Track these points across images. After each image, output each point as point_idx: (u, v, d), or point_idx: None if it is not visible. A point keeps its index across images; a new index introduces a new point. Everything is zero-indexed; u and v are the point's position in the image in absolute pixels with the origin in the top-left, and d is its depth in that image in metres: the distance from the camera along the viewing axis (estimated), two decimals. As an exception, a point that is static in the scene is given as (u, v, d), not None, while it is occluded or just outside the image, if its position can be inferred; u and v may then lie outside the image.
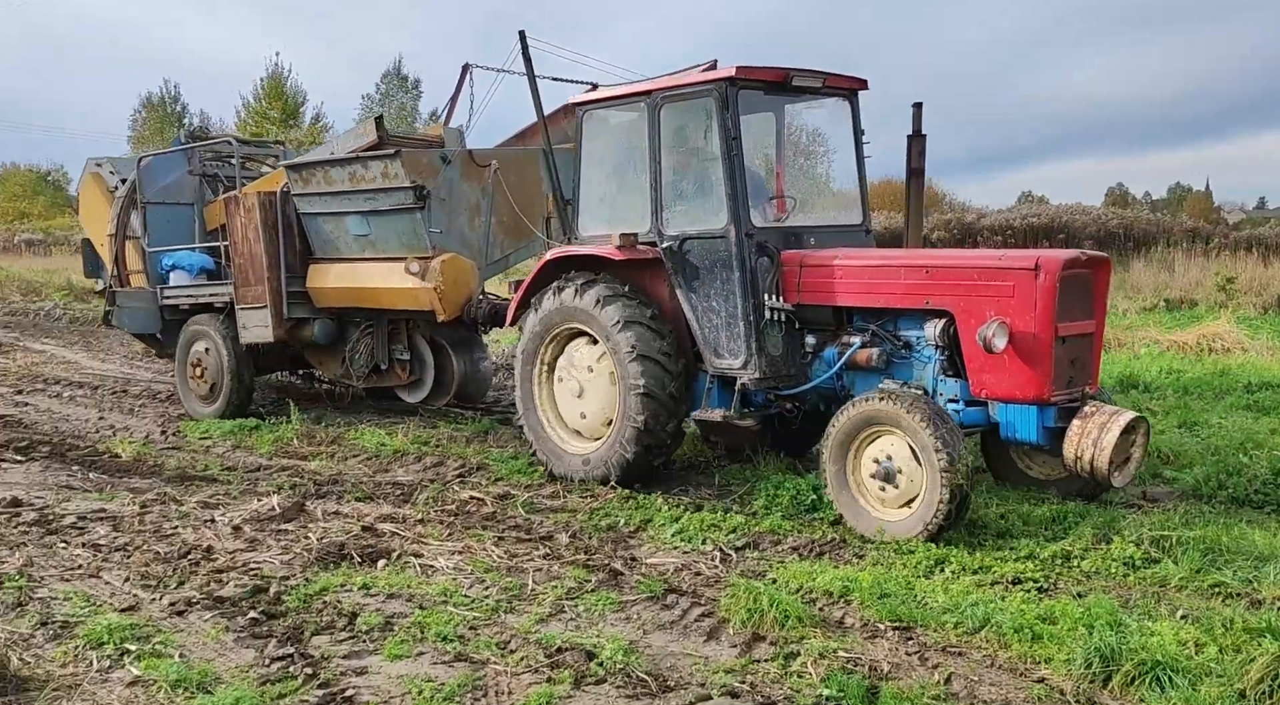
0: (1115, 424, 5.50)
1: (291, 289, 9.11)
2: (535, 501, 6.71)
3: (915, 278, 6.12)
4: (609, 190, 7.27)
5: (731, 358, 6.60)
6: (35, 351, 14.43)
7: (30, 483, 7.15)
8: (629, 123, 7.04)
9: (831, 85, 6.97)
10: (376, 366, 9.39)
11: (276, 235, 9.04)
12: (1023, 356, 5.64)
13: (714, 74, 6.57)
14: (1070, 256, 5.79)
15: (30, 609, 4.73)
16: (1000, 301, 5.71)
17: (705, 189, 6.77)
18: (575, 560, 5.51)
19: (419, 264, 8.27)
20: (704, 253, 6.61)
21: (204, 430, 8.93)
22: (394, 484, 7.13)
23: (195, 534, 5.92)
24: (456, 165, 8.46)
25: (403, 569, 5.39)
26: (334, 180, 8.63)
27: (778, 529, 5.95)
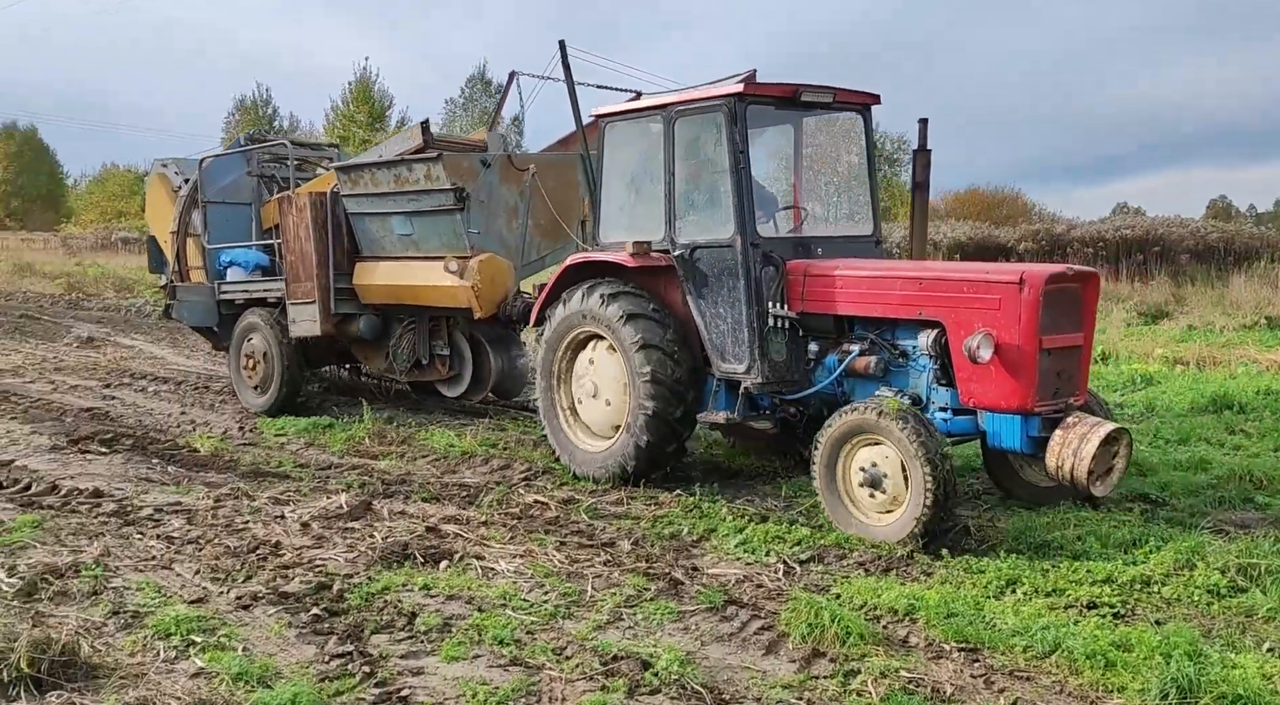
0: (1095, 435, 5.62)
1: (339, 286, 9.49)
2: (599, 507, 6.72)
3: (910, 289, 6.31)
4: (628, 199, 7.53)
5: (736, 362, 6.85)
6: (125, 347, 14.98)
7: (112, 474, 7.41)
8: (647, 135, 7.28)
9: (842, 100, 7.21)
10: (418, 361, 9.71)
11: (326, 234, 9.43)
12: (1007, 367, 5.80)
13: (723, 89, 6.78)
14: (1055, 271, 5.94)
15: (104, 598, 4.90)
16: (987, 313, 5.89)
17: (715, 200, 6.99)
18: (636, 568, 5.49)
19: (458, 263, 8.57)
20: (712, 261, 6.86)
21: (279, 427, 9.15)
22: (460, 485, 7.21)
23: (265, 529, 6.07)
24: (496, 169, 8.80)
25: (464, 571, 5.44)
26: (380, 182, 9.00)
27: (844, 543, 5.86)
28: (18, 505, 6.49)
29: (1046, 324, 5.80)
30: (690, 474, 7.61)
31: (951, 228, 24.34)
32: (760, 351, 6.73)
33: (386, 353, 9.86)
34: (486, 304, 8.55)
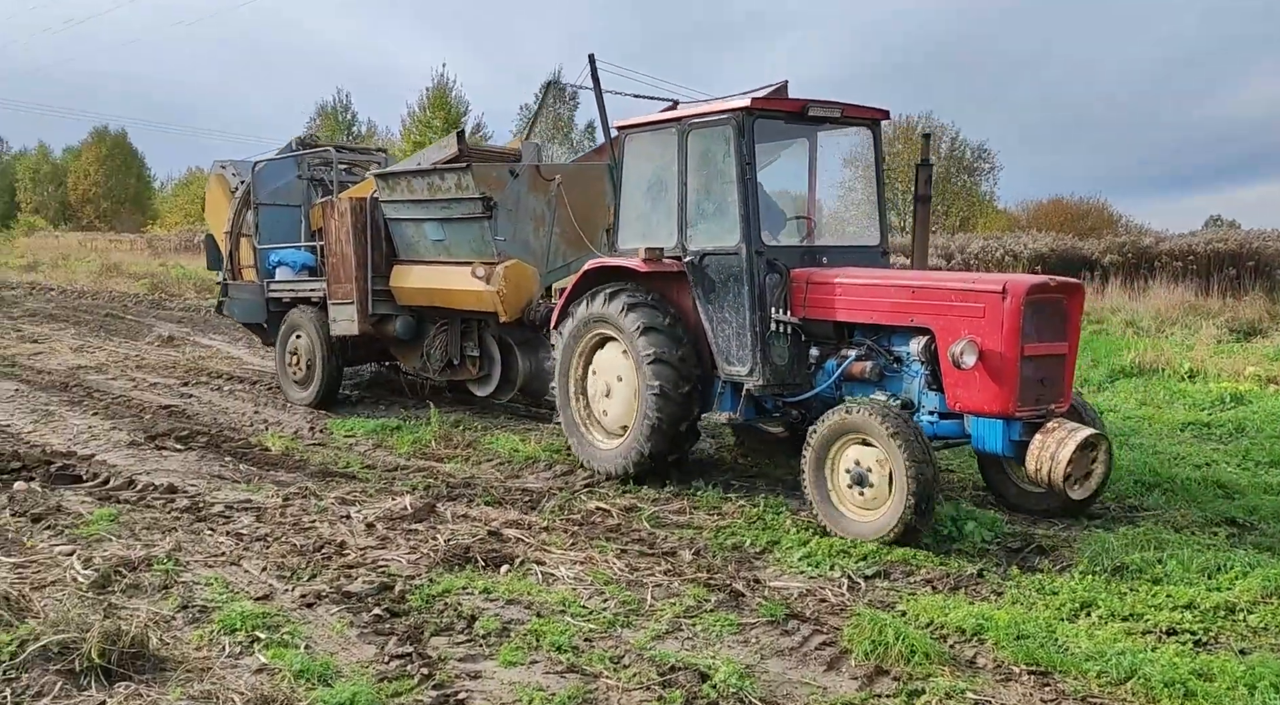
0: (1072, 440, 5.89)
1: (376, 287, 9.97)
2: (661, 515, 6.70)
3: (902, 297, 6.59)
4: (645, 207, 7.82)
5: (740, 365, 7.13)
6: (203, 346, 15.42)
7: (186, 471, 7.62)
8: (663, 146, 7.55)
9: (850, 116, 7.48)
10: (450, 361, 10.11)
11: (365, 238, 9.89)
12: (990, 373, 6.07)
13: (732, 104, 7.06)
14: (1037, 282, 6.22)
15: (174, 592, 5.03)
16: (972, 321, 6.16)
17: (723, 209, 7.23)
18: (696, 578, 5.46)
19: (484, 268, 8.95)
20: (720, 268, 7.14)
21: (349, 429, 9.32)
22: (523, 490, 7.26)
23: (331, 529, 6.17)
24: (524, 178, 9.14)
25: (524, 576, 5.47)
26: (415, 189, 9.42)
27: (911, 559, 5.75)
28: (96, 499, 6.71)
29: (1029, 332, 6.06)
30: (754, 484, 7.56)
31: (1033, 239, 23.79)
32: (762, 355, 7.00)
33: (421, 352, 10.29)
34: (511, 308, 8.94)
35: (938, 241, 24.72)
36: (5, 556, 5.42)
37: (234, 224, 11.85)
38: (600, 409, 7.78)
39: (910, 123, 45.36)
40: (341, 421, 9.65)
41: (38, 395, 10.76)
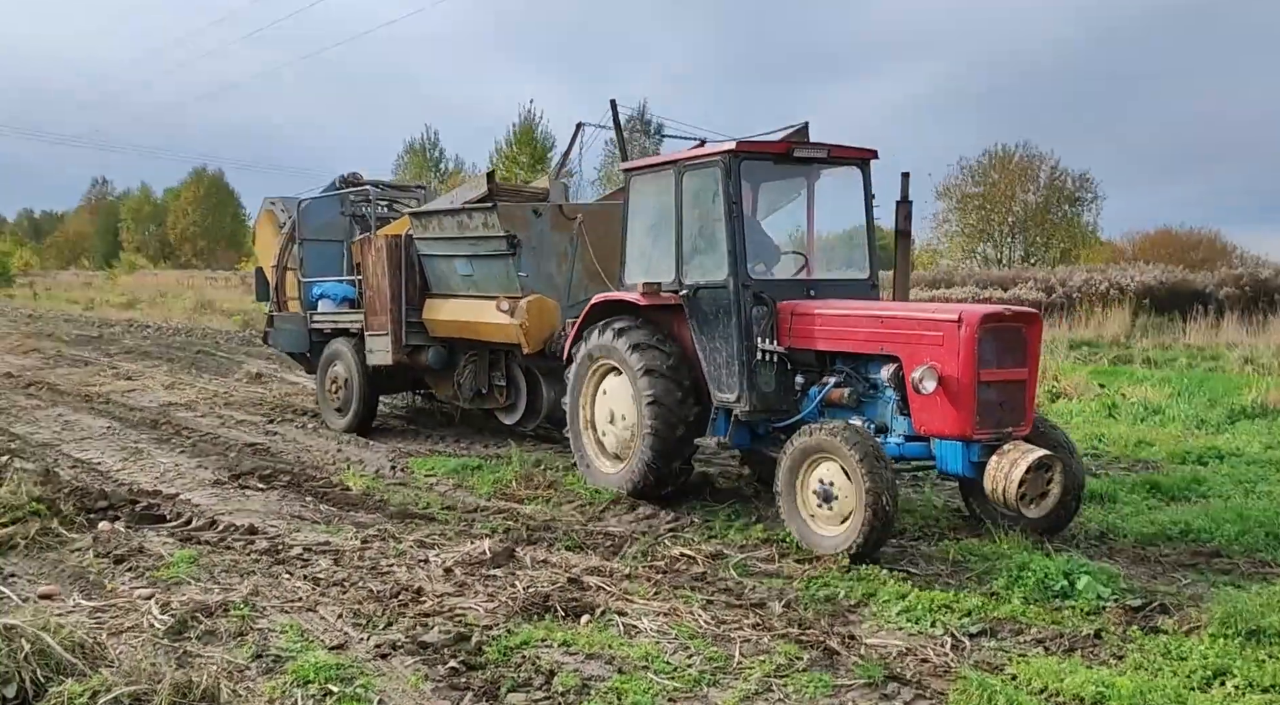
0: (1024, 461, 6.24)
1: (410, 319, 10.61)
2: (749, 564, 6.46)
3: (873, 327, 7.02)
4: (647, 244, 8.30)
5: (729, 392, 7.54)
6: (290, 383, 15.69)
7: (268, 511, 7.64)
8: (662, 186, 8.01)
9: (838, 156, 7.93)
10: (479, 390, 10.71)
11: (400, 273, 10.56)
12: (949, 398, 6.45)
13: (721, 147, 7.51)
14: (991, 311, 6.64)
15: (249, 639, 4.97)
16: (933, 349, 6.57)
17: (714, 245, 7.64)
18: (787, 633, 5.21)
19: (509, 303, 9.48)
20: (711, 300, 7.59)
21: (429, 468, 9.29)
22: (605, 534, 7.09)
23: (408, 574, 6.08)
24: (547, 217, 9.64)
25: (605, 627, 5.29)
26: (446, 227, 10.06)
27: (1020, 616, 5.40)
28: (178, 540, 6.74)
29: (987, 359, 6.47)
30: (848, 531, 7.25)
31: (1139, 271, 22.92)
32: (749, 383, 7.42)
33: (453, 381, 10.89)
34: (534, 341, 9.41)
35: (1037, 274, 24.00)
36: (86, 600, 5.45)
37: (280, 258, 12.53)
38: (605, 435, 8.33)
39: (1006, 151, 44.44)
40: (423, 460, 9.63)
41: (128, 432, 11.02)
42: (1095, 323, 22.17)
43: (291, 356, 13.37)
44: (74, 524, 6.87)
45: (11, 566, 6.03)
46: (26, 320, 29.49)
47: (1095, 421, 11.85)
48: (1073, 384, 13.96)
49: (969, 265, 40.93)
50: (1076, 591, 5.66)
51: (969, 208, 44.52)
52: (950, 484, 8.69)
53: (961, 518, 7.57)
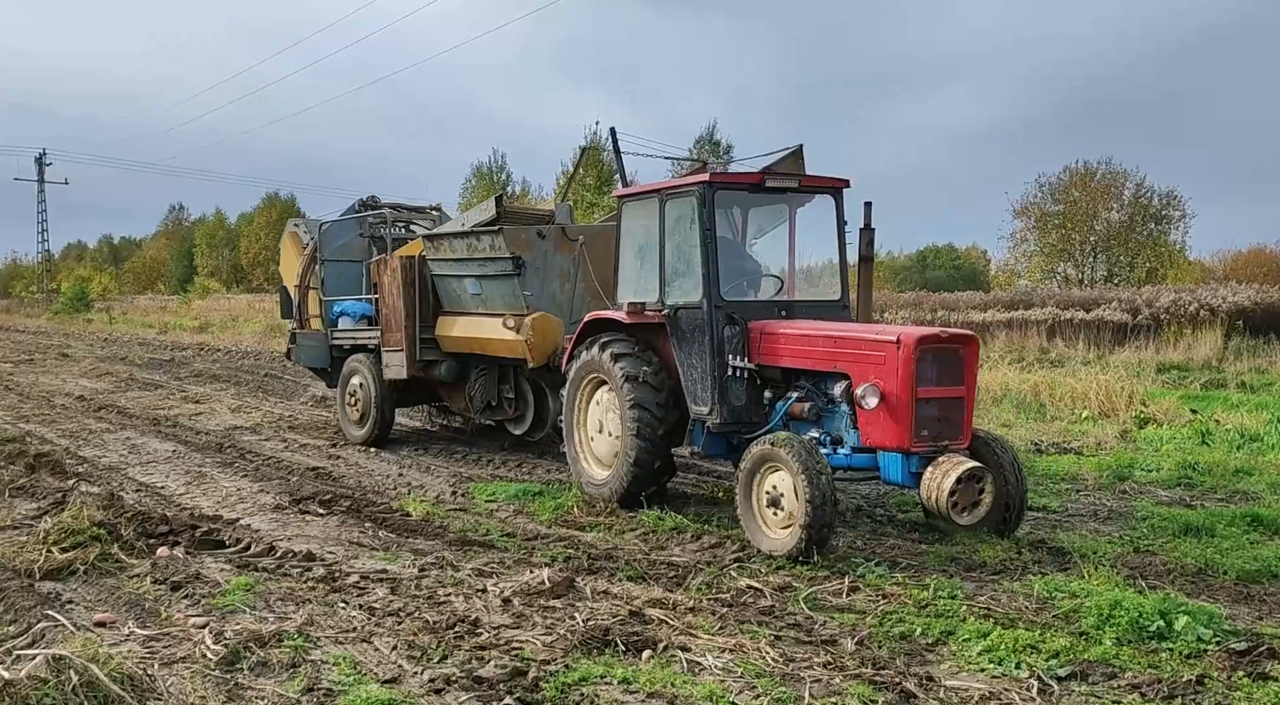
0: (954, 471, 6.82)
1: (424, 336, 11.30)
2: (819, 597, 6.22)
3: (829, 346, 7.57)
4: (636, 266, 8.90)
5: (702, 405, 8.14)
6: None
7: (326, 537, 7.61)
8: (648, 213, 8.59)
9: (809, 185, 8.56)
10: (489, 402, 11.42)
11: (414, 291, 11.25)
12: (890, 413, 7.05)
13: (697, 178, 8.23)
14: (927, 334, 7.17)
15: (301, 671, 4.88)
16: (876, 367, 7.14)
17: (691, 269, 8.23)
18: (860, 674, 4.97)
19: (514, 320, 10.05)
20: (688, 320, 8.20)
21: (490, 493, 9.21)
22: (668, 564, 6.91)
23: (466, 604, 5.97)
24: (550, 239, 10.27)
25: (668, 663, 5.10)
26: (456, 249, 10.76)
27: (1113, 659, 5.09)
28: (235, 567, 6.73)
29: (925, 377, 7.03)
30: (924, 562, 6.98)
31: (1231, 291, 22.10)
32: (720, 396, 8.00)
33: (465, 394, 11.63)
34: (538, 355, 9.99)
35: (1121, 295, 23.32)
36: (140, 628, 5.43)
37: (303, 277, 13.37)
38: (595, 442, 8.95)
39: (1088, 168, 43.45)
40: (484, 485, 9.56)
41: (193, 456, 11.15)
42: (1185, 345, 21.40)
43: (313, 371, 14.14)
44: (134, 549, 6.90)
45: (70, 592, 6.05)
46: (102, 344, 30.36)
47: (1187, 449, 11.33)
48: (1162, 409, 13.43)
49: (1048, 286, 39.99)
50: (1174, 633, 5.33)
51: (1048, 226, 43.58)
52: (1032, 516, 8.38)
53: (1047, 550, 7.23)
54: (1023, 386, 15.24)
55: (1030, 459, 11.15)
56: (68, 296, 56.98)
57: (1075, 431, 12.90)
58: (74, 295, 56.21)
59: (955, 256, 64.62)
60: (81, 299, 55.74)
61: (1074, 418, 13.89)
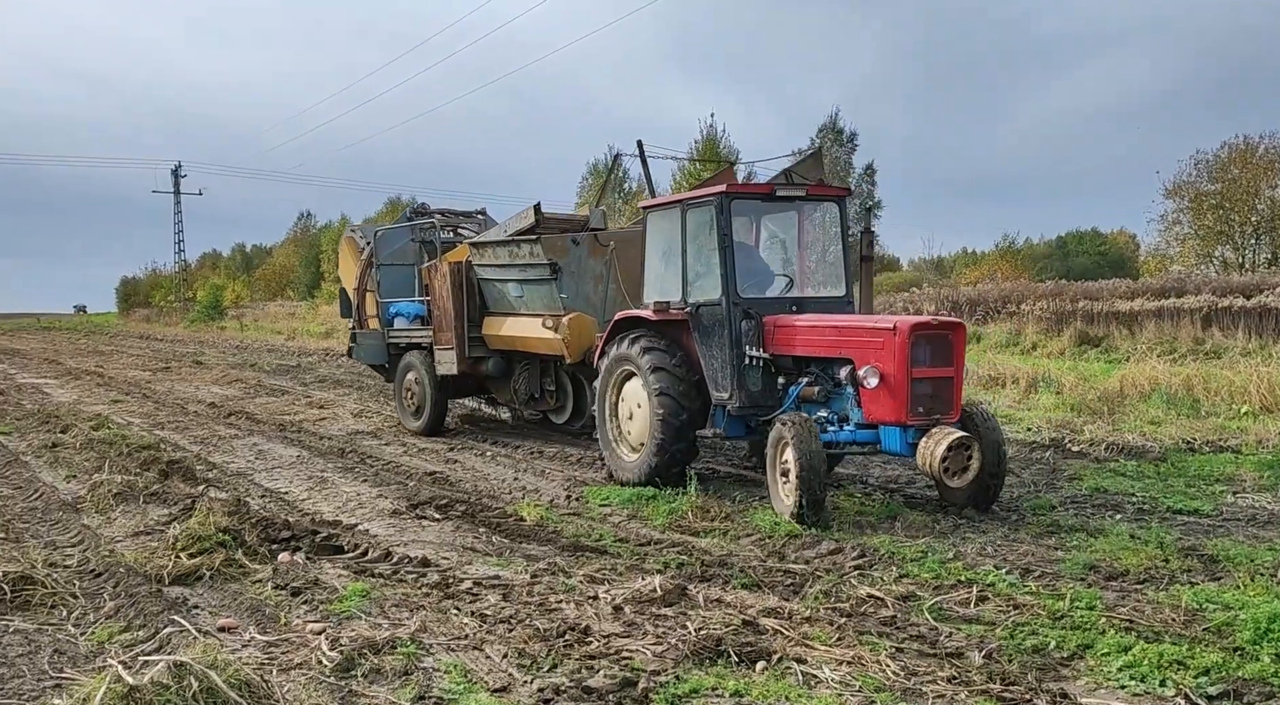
0: (945, 440, 7.81)
1: (471, 335, 12.67)
2: (945, 607, 6.05)
3: (834, 336, 8.71)
4: (661, 269, 10.01)
5: (722, 391, 9.26)
6: (469, 407, 16.16)
7: (441, 542, 7.80)
8: (671, 221, 9.77)
9: (815, 194, 9.75)
10: (533, 395, 12.78)
11: (462, 294, 12.58)
12: (888, 391, 8.12)
13: (714, 189, 9.26)
14: (919, 322, 8.25)
15: (413, 679, 5.00)
16: (876, 352, 8.22)
17: (711, 270, 9.35)
18: (988, 689, 4.81)
19: (553, 320, 11.36)
20: (709, 316, 9.33)
21: (604, 497, 9.28)
22: (785, 572, 6.82)
23: (577, 611, 6.02)
24: (584, 245, 11.47)
25: (782, 675, 5.04)
26: (498, 255, 12.07)
27: (1271, 677, 4.79)
28: (352, 572, 6.95)
29: (919, 360, 8.10)
30: (1059, 570, 6.71)
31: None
32: (738, 384, 9.11)
33: (510, 388, 12.98)
34: (575, 352, 11.23)
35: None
36: (260, 633, 5.65)
37: (360, 281, 14.76)
38: (626, 429, 10.04)
39: (1249, 144, 41.16)
40: (598, 489, 9.64)
41: (315, 461, 11.59)
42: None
43: (373, 367, 15.65)
44: (257, 555, 7.20)
45: (196, 597, 6.35)
46: (233, 352, 31.87)
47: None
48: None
49: (1204, 271, 38.02)
50: (1341, 649, 4.99)
51: (1204, 207, 41.42)
52: (1182, 520, 8.00)
53: (1197, 558, 6.87)
54: (1173, 380, 14.53)
55: (1182, 458, 10.62)
56: (203, 305, 60.09)
57: (1233, 428, 12.24)
58: (209, 304, 59.25)
59: (1100, 242, 62.06)
60: (215, 307, 58.69)
61: (1232, 414, 13.18)
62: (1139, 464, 10.51)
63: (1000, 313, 27.44)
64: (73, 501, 9.16)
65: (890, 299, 31.25)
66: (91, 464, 10.75)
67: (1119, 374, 15.40)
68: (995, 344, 23.04)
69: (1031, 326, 24.63)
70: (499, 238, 12.19)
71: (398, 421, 14.82)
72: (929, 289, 32.40)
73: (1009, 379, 15.93)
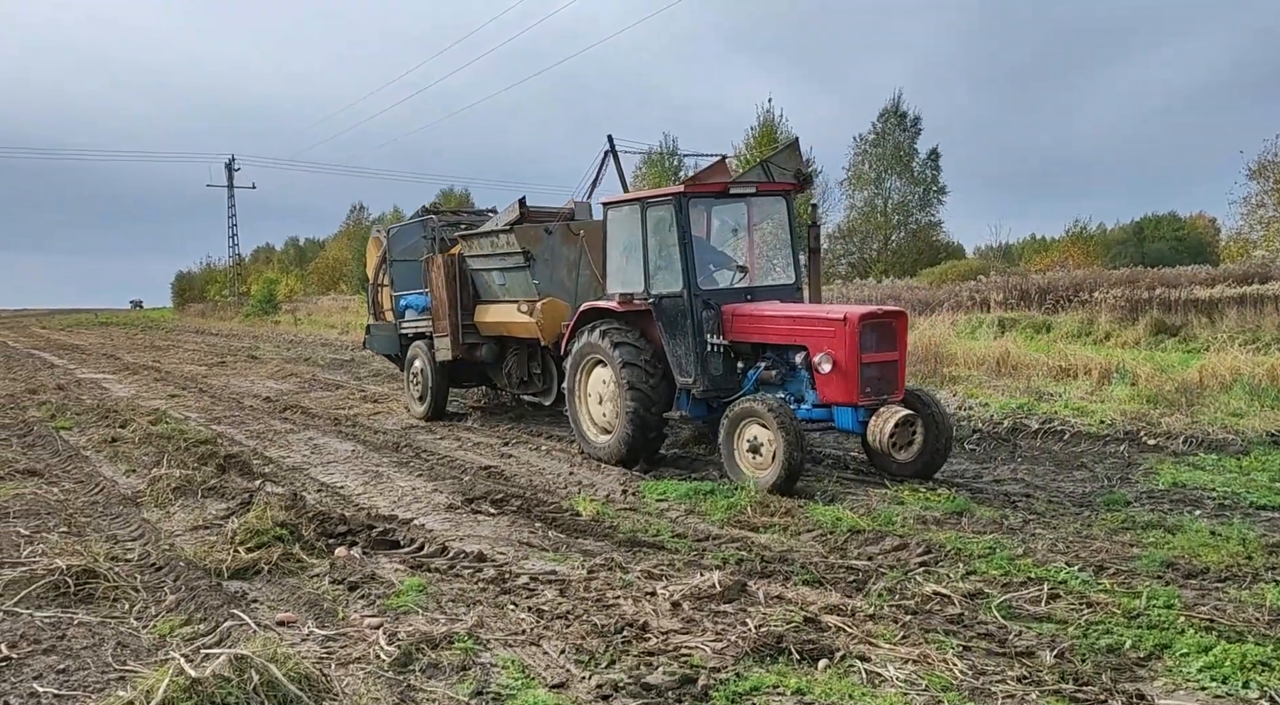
0: (892, 418, 8.87)
1: (465, 322, 13.83)
2: (1014, 605, 5.99)
3: (789, 324, 9.68)
4: (622, 262, 10.99)
5: (686, 376, 10.26)
6: (526, 402, 16.26)
7: (497, 537, 7.88)
8: (632, 218, 10.69)
9: (765, 190, 10.79)
10: (522, 378, 13.81)
11: (455, 284, 13.77)
12: (840, 375, 9.17)
13: (672, 189, 10.23)
14: (867, 312, 9.27)
15: (471, 674, 5.08)
16: (828, 339, 9.25)
17: (671, 264, 10.30)
18: (1060, 689, 4.77)
19: (528, 305, 12.55)
20: (671, 306, 10.27)
21: (661, 492, 9.31)
22: (847, 568, 6.80)
23: (634, 607, 6.06)
24: (557, 234, 12.63)
25: (845, 674, 5.04)
26: (483, 247, 13.29)
27: (1359, 680, 4.68)
28: (409, 567, 7.06)
29: (867, 346, 9.14)
30: (1135, 567, 6.61)
31: None
32: (701, 368, 10.12)
33: (503, 372, 14.06)
34: (548, 335, 12.34)
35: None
36: (319, 627, 5.77)
37: (376, 276, 16.15)
38: (595, 411, 11.13)
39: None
40: (654, 484, 9.67)
41: (371, 456, 11.77)
42: None
43: (387, 357, 17.00)
44: (314, 549, 7.34)
45: (255, 592, 6.50)
46: (288, 346, 32.41)
47: None
48: None
49: (1291, 255, 36.98)
50: None
51: (1293, 188, 40.23)
52: (1266, 516, 7.84)
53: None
54: (1257, 371, 14.15)
55: (1266, 452, 10.38)
56: (257, 299, 61.17)
57: (1320, 419, 11.90)
58: (263, 298, 60.29)
59: (1178, 226, 60.74)
60: (270, 301, 59.69)
61: (1319, 404, 12.81)
62: (1219, 458, 10.29)
63: (1071, 301, 26.95)
64: (132, 496, 9.41)
65: (956, 288, 30.85)
66: (150, 458, 11.02)
67: (1198, 364, 15.05)
68: (1066, 334, 22.63)
69: (1105, 315, 24.16)
70: (483, 230, 13.47)
71: (451, 415, 15.00)
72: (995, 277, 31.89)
73: (1080, 370, 15.64)
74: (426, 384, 14.70)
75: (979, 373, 16.39)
